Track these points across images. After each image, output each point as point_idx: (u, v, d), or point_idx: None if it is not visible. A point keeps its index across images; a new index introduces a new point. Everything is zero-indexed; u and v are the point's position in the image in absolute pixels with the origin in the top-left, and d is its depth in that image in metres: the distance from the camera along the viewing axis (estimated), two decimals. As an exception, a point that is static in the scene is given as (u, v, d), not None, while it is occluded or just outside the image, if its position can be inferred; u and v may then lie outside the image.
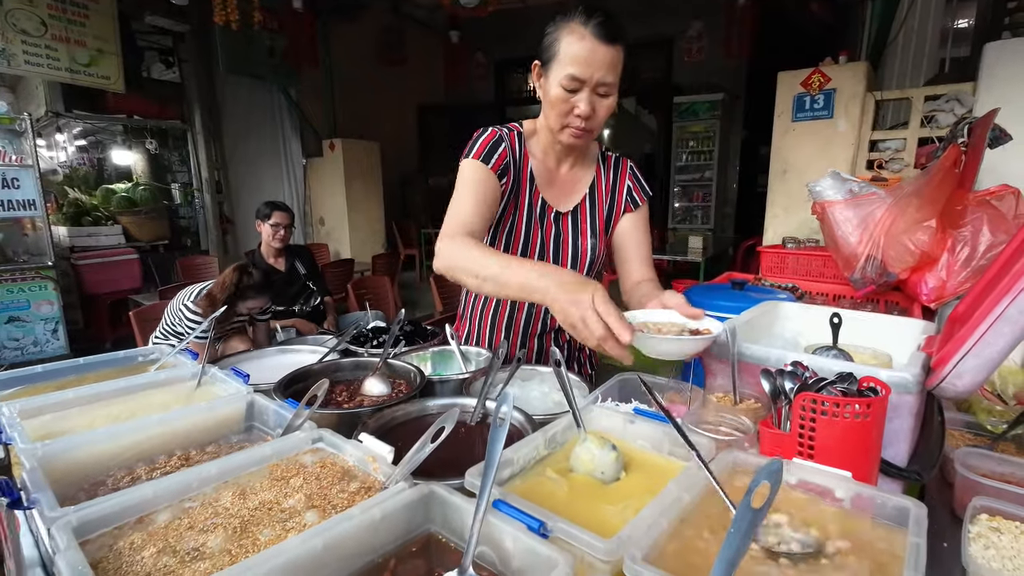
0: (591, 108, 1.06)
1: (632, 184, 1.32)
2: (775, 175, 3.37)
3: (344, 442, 0.74)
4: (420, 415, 0.94)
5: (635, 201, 1.31)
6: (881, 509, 0.60)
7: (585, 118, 1.07)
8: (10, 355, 4.02)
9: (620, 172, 1.31)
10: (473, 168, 1.17)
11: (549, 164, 1.25)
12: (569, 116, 1.09)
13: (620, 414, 0.85)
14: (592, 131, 1.12)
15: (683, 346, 0.88)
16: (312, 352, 1.31)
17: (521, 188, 1.22)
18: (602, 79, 1.03)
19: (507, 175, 1.18)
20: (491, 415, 0.95)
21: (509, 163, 1.18)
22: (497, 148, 1.18)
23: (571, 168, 1.27)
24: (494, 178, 1.16)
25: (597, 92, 1.06)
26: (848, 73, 3.04)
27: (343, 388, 1.09)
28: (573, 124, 1.10)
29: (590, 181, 1.29)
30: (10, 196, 3.91)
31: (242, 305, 2.60)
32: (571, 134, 1.12)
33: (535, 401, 1.08)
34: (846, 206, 2.02)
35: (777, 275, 2.36)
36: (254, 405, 0.91)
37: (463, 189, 1.16)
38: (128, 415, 0.90)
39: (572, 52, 1.02)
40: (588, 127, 1.09)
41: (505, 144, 1.18)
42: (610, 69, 1.03)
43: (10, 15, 4.03)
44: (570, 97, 1.06)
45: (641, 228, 1.32)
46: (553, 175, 1.26)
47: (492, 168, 1.16)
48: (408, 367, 1.12)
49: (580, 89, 1.05)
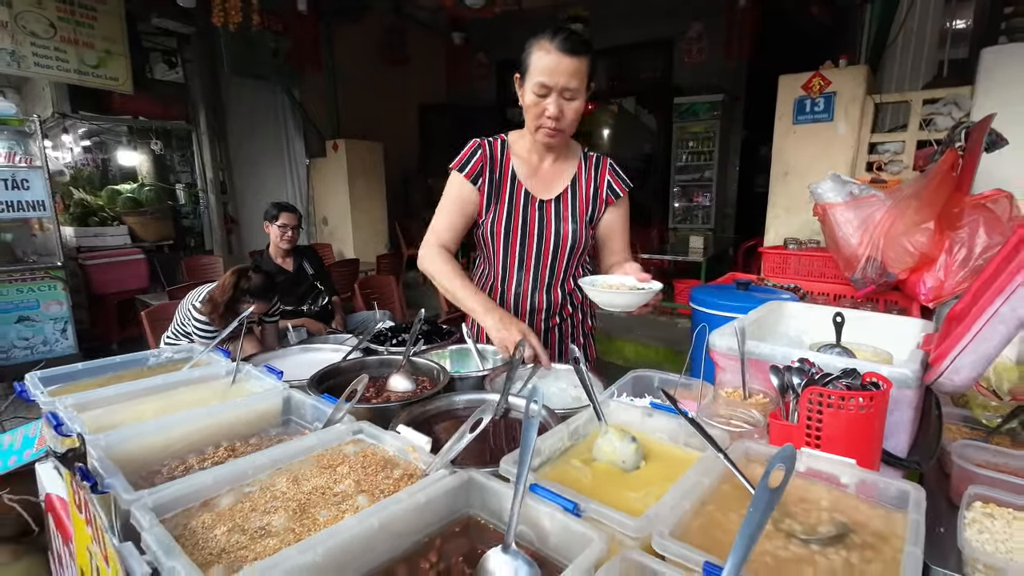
0: (559, 110, 1.25)
1: (612, 178, 1.46)
2: (776, 177, 3.43)
3: (383, 433, 0.79)
4: (448, 409, 0.99)
5: (616, 192, 1.45)
6: (884, 493, 0.65)
7: (554, 119, 1.26)
8: (20, 354, 4.07)
9: (601, 168, 1.46)
10: (452, 179, 1.42)
11: (533, 161, 1.43)
12: (541, 118, 1.28)
13: (638, 408, 0.90)
14: (563, 130, 1.31)
15: (624, 298, 1.15)
16: (335, 350, 1.37)
17: (503, 183, 1.41)
18: (566, 85, 1.22)
19: (482, 176, 1.39)
20: (513, 409, 1.01)
21: (484, 167, 1.39)
22: (473, 156, 1.40)
23: (553, 163, 1.44)
24: (468, 184, 1.39)
25: (564, 96, 1.25)
26: (848, 76, 3.09)
27: (370, 384, 1.14)
28: (545, 125, 1.29)
29: (572, 174, 1.44)
30: (20, 197, 3.96)
31: (242, 309, 2.63)
32: (544, 133, 1.31)
33: (554, 397, 1.13)
34: (847, 208, 2.08)
35: (779, 275, 2.41)
36: (291, 400, 0.96)
37: (443, 201, 1.43)
38: (171, 410, 0.95)
39: (541, 64, 1.22)
40: (558, 127, 1.28)
41: (481, 152, 1.40)
42: (573, 76, 1.22)
43: (19, 17, 4.07)
44: (541, 101, 1.26)
45: (620, 219, 1.49)
46: (536, 169, 1.43)
47: (467, 175, 1.39)
48: (431, 364, 1.17)
49: (548, 95, 1.24)
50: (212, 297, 2.56)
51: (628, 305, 1.18)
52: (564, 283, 1.50)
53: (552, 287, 1.49)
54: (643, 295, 1.17)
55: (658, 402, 0.93)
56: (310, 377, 1.06)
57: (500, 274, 1.49)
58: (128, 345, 5.16)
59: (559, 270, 1.47)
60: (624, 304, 1.18)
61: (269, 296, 2.68)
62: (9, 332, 4.01)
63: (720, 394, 1.01)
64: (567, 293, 1.50)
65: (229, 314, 2.59)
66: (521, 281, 1.48)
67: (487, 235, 1.44)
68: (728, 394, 1.01)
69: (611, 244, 1.50)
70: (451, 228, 1.42)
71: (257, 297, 2.59)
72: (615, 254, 1.50)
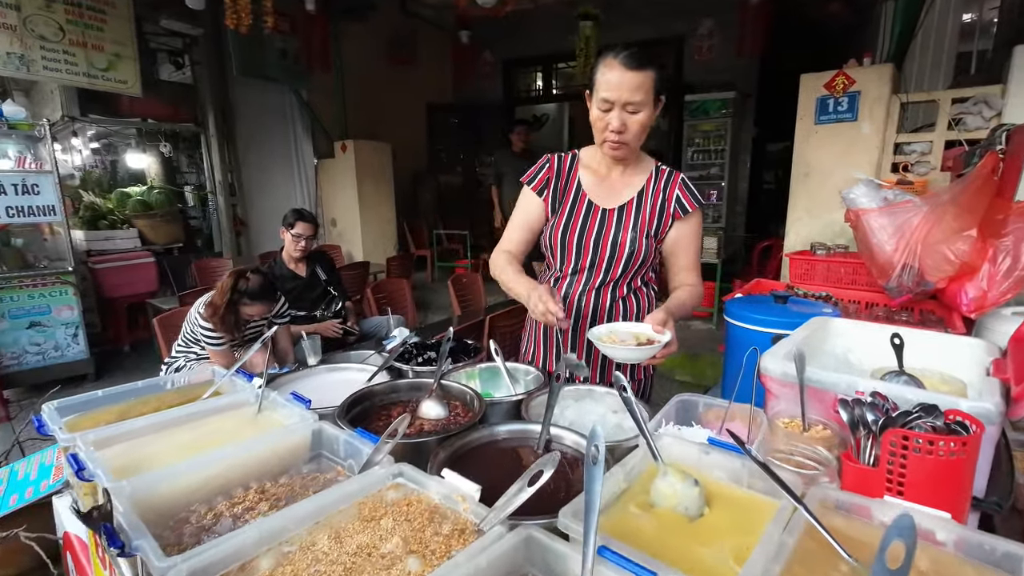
0: (621, 123, 1.29)
1: (682, 193, 1.45)
2: (797, 178, 3.35)
3: (426, 478, 0.73)
4: (490, 441, 0.93)
5: (684, 208, 1.44)
6: (989, 555, 0.59)
7: (617, 132, 1.30)
8: (32, 360, 4.05)
9: (671, 182, 1.46)
10: (522, 192, 1.53)
11: (600, 172, 1.48)
12: (605, 132, 1.32)
13: (694, 444, 0.84)
14: (627, 143, 1.33)
15: (624, 353, 1.15)
16: (360, 370, 1.31)
17: (567, 193, 1.48)
18: (629, 99, 1.26)
19: (548, 188, 1.48)
20: (555, 440, 0.95)
21: (550, 179, 1.48)
22: (541, 170, 1.49)
23: (622, 174, 1.47)
24: (534, 196, 1.49)
25: (627, 110, 1.28)
26: (873, 75, 3.00)
27: (400, 410, 1.09)
28: (609, 139, 1.33)
29: (639, 187, 1.46)
30: (30, 202, 3.93)
31: (243, 311, 2.57)
32: (609, 146, 1.35)
33: (594, 424, 1.07)
34: (880, 214, 2.00)
35: (806, 282, 2.34)
36: (322, 434, 0.90)
37: (514, 213, 1.53)
38: (195, 443, 0.90)
39: (604, 80, 1.27)
40: (622, 139, 1.32)
41: (549, 165, 1.49)
42: (636, 90, 1.25)
43: (28, 21, 4.04)
44: (605, 116, 1.30)
45: (688, 236, 1.48)
46: (604, 180, 1.47)
47: (534, 187, 1.49)
48: (463, 389, 1.12)
49: (611, 109, 1.28)
50: (212, 301, 2.50)
51: (629, 359, 1.18)
52: (616, 290, 1.48)
53: (601, 291, 1.48)
54: (643, 351, 1.15)
55: (716, 437, 0.87)
56: (340, 406, 1.00)
57: (556, 278, 1.52)
58: (139, 348, 5.14)
59: (612, 276, 1.47)
60: (621, 358, 1.18)
61: (270, 297, 2.62)
62: (21, 338, 3.99)
63: (777, 425, 0.94)
64: (618, 299, 1.49)
65: (231, 318, 2.54)
66: (573, 284, 1.49)
67: (547, 240, 1.49)
68: (785, 425, 0.95)
69: (676, 260, 1.49)
70: (517, 241, 1.51)
71: (256, 299, 2.54)
72: (680, 272, 1.49)
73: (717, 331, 4.39)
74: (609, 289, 1.48)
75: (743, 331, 1.50)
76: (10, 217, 3.84)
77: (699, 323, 4.73)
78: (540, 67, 8.90)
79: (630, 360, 1.19)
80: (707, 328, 4.50)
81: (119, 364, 4.78)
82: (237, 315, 2.55)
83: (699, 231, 1.50)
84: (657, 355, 1.19)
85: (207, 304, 2.49)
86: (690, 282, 1.48)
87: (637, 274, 1.49)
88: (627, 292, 1.50)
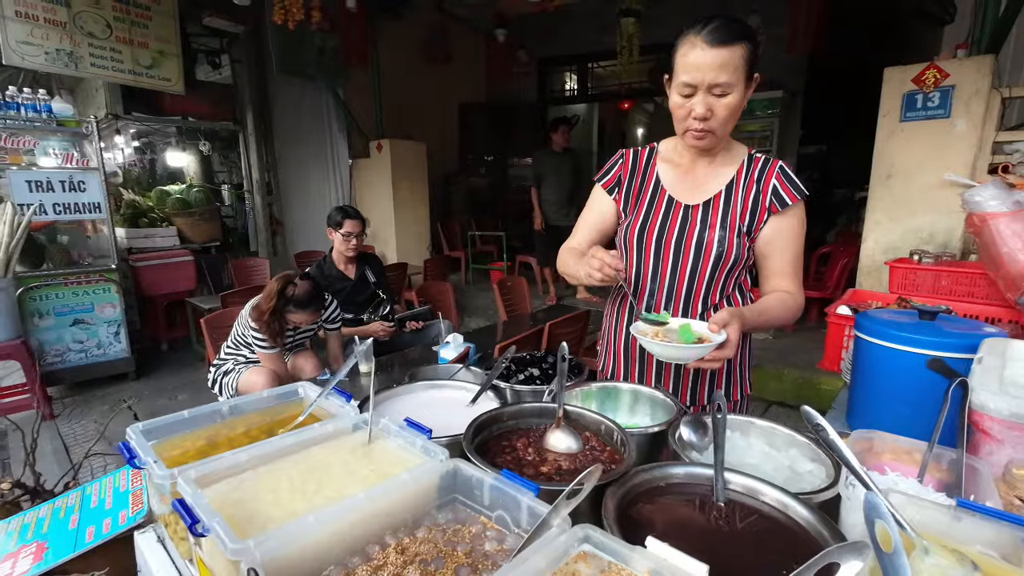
0: (706, 109, 1.12)
1: (780, 183, 1.23)
2: (878, 180, 3.11)
3: (622, 547, 0.57)
4: (664, 484, 0.76)
5: (783, 200, 1.23)
6: None
7: (701, 119, 1.13)
8: (75, 357, 4.03)
9: (767, 171, 1.25)
10: (593, 191, 1.41)
11: (684, 165, 1.30)
12: (688, 119, 1.15)
13: (937, 506, 0.67)
14: (712, 131, 1.16)
15: (667, 351, 1.05)
16: (460, 388, 1.16)
17: (644, 189, 1.33)
18: (714, 80, 1.08)
19: (620, 186, 1.35)
20: (728, 485, 0.78)
21: (623, 175, 1.34)
22: (613, 167, 1.36)
23: (708, 166, 1.28)
24: (604, 195, 1.37)
25: (713, 93, 1.10)
26: (971, 68, 2.76)
27: (525, 441, 0.93)
28: (692, 127, 1.16)
29: (728, 179, 1.26)
30: (77, 199, 3.92)
31: (288, 318, 2.48)
32: (692, 136, 1.18)
33: (763, 466, 0.90)
34: (1013, 219, 1.78)
35: (911, 293, 2.13)
36: (456, 475, 0.75)
37: (583, 213, 1.42)
38: (305, 481, 0.76)
39: (685, 61, 1.10)
40: (707, 127, 1.15)
41: (622, 161, 1.35)
42: (722, 70, 1.07)
43: (78, 18, 4.03)
44: (686, 102, 1.14)
45: (786, 234, 1.25)
46: (687, 174, 1.30)
47: (604, 184, 1.36)
48: (597, 418, 0.96)
49: (694, 94, 1.12)
50: (257, 304, 2.41)
51: (672, 358, 1.08)
52: (707, 299, 1.28)
53: (691, 302, 1.28)
54: (689, 350, 1.04)
55: (963, 498, 0.70)
56: (465, 436, 0.85)
57: (633, 286, 1.33)
58: (175, 346, 5.13)
59: (699, 283, 1.26)
60: (668, 356, 1.08)
61: (317, 304, 2.51)
62: (65, 335, 3.98)
63: (1016, 475, 0.76)
64: (709, 308, 1.28)
65: (276, 324, 2.45)
66: (654, 292, 1.30)
67: (623, 244, 1.33)
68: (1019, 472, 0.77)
69: (768, 263, 1.27)
70: (584, 241, 1.39)
71: (302, 307, 2.44)
72: (772, 277, 1.27)
73: (775, 340, 4.15)
74: (700, 297, 1.27)
75: (884, 351, 1.31)
76: (57, 214, 3.83)
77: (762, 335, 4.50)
78: (575, 66, 8.73)
79: (673, 359, 1.09)
80: (763, 338, 4.26)
81: (158, 362, 4.76)
82: (282, 321, 2.46)
83: (800, 230, 1.26)
84: (707, 357, 1.03)
85: (253, 307, 2.40)
86: (785, 289, 1.25)
87: (729, 279, 1.27)
88: (719, 300, 1.29)
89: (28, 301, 3.76)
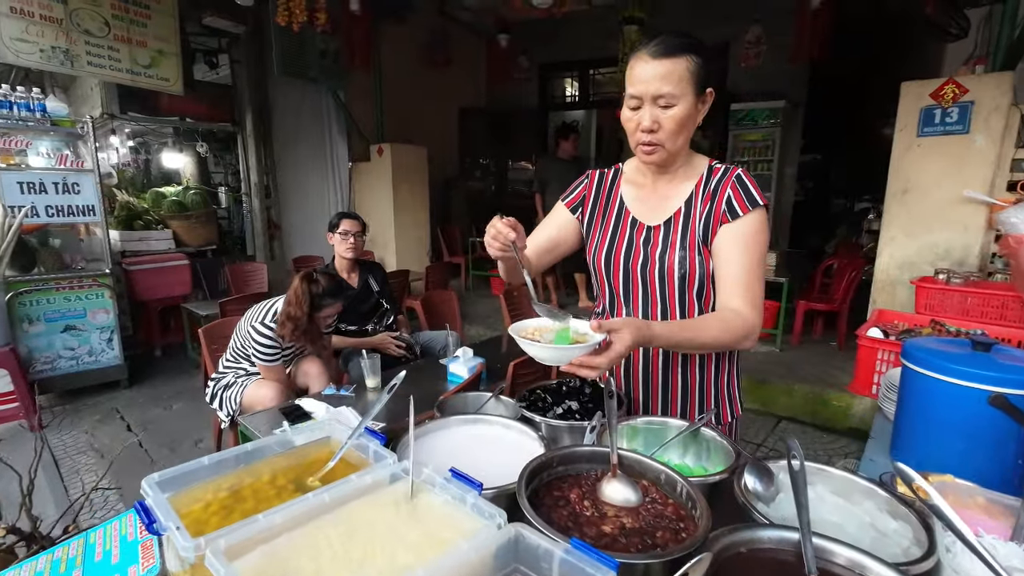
0: (652, 121, 1.10)
1: (733, 191, 1.16)
2: (893, 195, 3.08)
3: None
4: (749, 547, 0.69)
5: (734, 211, 1.14)
6: None
7: (648, 131, 1.11)
8: (66, 365, 3.90)
9: (724, 180, 1.18)
10: (555, 207, 1.38)
11: (644, 184, 1.27)
12: (636, 133, 1.13)
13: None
14: (661, 143, 1.12)
15: (539, 351, 0.96)
16: (500, 424, 1.08)
17: (609, 211, 1.29)
18: (657, 91, 1.06)
19: (583, 206, 1.33)
20: (821, 557, 0.71)
21: (587, 195, 1.33)
22: (578, 187, 1.35)
23: (669, 183, 1.23)
24: (566, 211, 1.34)
25: (658, 104, 1.08)
26: (991, 84, 2.73)
27: (578, 492, 0.85)
28: (640, 139, 1.13)
29: (687, 194, 1.21)
30: (70, 201, 3.79)
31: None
32: (642, 150, 1.15)
33: (846, 526, 0.81)
34: (1051, 242, 1.74)
35: (938, 313, 2.08)
36: (518, 543, 0.67)
37: (541, 223, 1.38)
38: (348, 545, 0.68)
39: (632, 75, 1.10)
40: (655, 139, 1.12)
41: (587, 181, 1.34)
42: (664, 81, 1.06)
43: (75, 15, 3.92)
44: (634, 115, 1.12)
45: (734, 242, 1.14)
46: (650, 194, 1.26)
47: (568, 204, 1.34)
48: (656, 466, 0.88)
49: (641, 106, 1.10)
50: (289, 314, 2.33)
51: (545, 359, 0.97)
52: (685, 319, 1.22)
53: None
54: (562, 351, 0.94)
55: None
56: (520, 491, 0.77)
57: (609, 311, 1.30)
58: (169, 352, 4.99)
59: (671, 305, 1.21)
60: (541, 357, 0.97)
61: (344, 291, 2.53)
62: (55, 341, 3.84)
63: None
64: None
65: (313, 327, 2.41)
66: (631, 316, 1.26)
67: (592, 269, 1.32)
68: None
69: (718, 275, 1.16)
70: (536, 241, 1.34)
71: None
72: (722, 292, 1.15)
73: (782, 354, 4.10)
74: (677, 319, 1.21)
75: (936, 383, 1.25)
76: (50, 216, 3.70)
77: (759, 344, 4.45)
78: (576, 72, 8.70)
79: (547, 361, 0.98)
80: (768, 351, 4.21)
81: (152, 369, 4.62)
82: (318, 322, 2.45)
83: (753, 240, 1.13)
84: (575, 361, 0.93)
85: (286, 318, 2.33)
86: (732, 307, 1.10)
87: (704, 298, 1.20)
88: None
89: (18, 307, 3.63)
